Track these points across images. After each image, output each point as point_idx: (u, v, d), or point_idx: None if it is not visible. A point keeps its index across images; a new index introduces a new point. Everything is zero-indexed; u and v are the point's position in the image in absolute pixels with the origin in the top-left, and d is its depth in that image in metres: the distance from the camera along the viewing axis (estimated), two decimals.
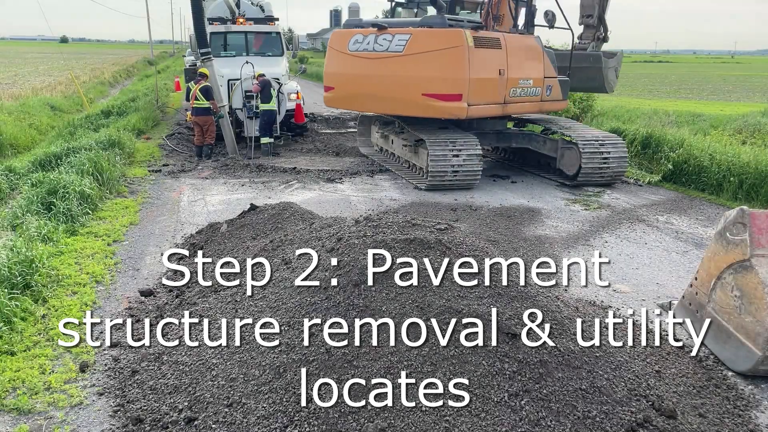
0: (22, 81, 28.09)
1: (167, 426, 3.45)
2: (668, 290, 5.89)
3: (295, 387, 3.45)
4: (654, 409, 3.52)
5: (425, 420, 3.17)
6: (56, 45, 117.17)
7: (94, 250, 6.61)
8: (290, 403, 3.39)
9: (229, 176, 10.82)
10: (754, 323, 4.12)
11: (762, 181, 9.24)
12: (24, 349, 4.42)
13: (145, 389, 3.85)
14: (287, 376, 3.53)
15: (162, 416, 3.55)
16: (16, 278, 5.18)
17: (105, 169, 9.20)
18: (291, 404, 3.37)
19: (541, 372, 3.41)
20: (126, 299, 5.41)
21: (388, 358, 3.50)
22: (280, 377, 3.55)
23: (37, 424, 3.60)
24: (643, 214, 8.66)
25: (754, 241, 4.25)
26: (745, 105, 23.80)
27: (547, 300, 4.00)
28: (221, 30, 14.68)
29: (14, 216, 7.02)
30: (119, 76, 38.26)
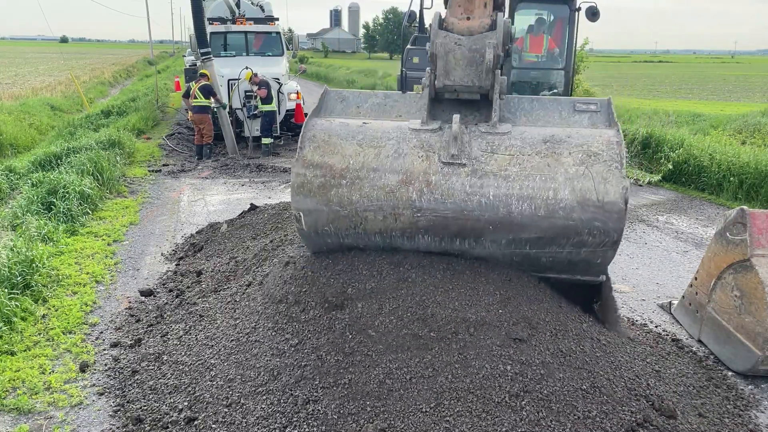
0: (22, 81, 28.09)
1: (167, 426, 3.45)
2: (668, 290, 5.89)
3: (292, 389, 3.46)
4: (654, 409, 3.51)
5: (425, 421, 3.17)
6: (56, 45, 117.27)
7: (94, 250, 6.61)
8: (288, 404, 3.38)
9: (229, 176, 10.83)
10: (754, 323, 4.13)
11: (762, 181, 9.24)
12: (24, 349, 4.42)
13: (145, 389, 3.85)
14: (282, 379, 3.53)
15: (162, 416, 3.55)
16: (16, 278, 5.18)
17: (105, 169, 9.21)
18: (289, 405, 3.37)
19: (542, 373, 3.41)
20: (126, 299, 5.41)
21: (387, 365, 3.51)
22: (276, 379, 3.55)
23: (37, 424, 3.60)
24: (643, 214, 8.66)
25: (754, 241, 4.25)
26: (745, 105, 23.79)
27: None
28: (221, 30, 14.68)
29: (14, 216, 7.02)
30: (119, 76, 38.28)
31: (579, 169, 3.70)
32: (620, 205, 3.60)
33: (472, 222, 3.77)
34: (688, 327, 4.97)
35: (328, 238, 4.13)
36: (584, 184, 3.65)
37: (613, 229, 3.64)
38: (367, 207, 3.87)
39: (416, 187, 3.80)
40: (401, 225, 3.89)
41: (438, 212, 3.80)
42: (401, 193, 3.82)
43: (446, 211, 3.79)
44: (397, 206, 3.84)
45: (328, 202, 3.91)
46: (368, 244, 4.13)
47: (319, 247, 4.26)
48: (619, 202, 3.60)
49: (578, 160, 3.74)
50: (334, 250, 4.25)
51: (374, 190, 3.85)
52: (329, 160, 3.93)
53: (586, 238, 3.70)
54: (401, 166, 3.86)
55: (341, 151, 3.94)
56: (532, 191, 3.68)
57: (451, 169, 3.79)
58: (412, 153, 3.88)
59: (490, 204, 3.72)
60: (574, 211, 3.64)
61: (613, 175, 3.65)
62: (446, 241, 3.94)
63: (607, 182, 3.64)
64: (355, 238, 4.08)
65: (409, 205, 3.82)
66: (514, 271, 4.03)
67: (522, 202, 3.69)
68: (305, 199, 3.94)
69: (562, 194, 3.66)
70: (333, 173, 3.90)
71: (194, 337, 4.33)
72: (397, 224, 3.90)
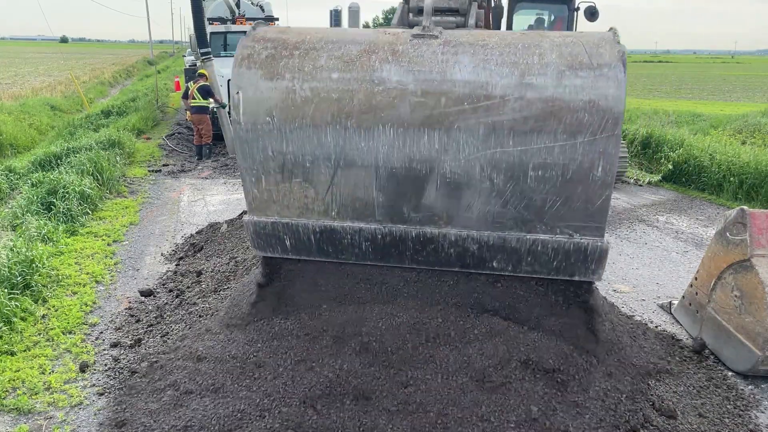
0: (22, 81, 28.08)
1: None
2: (668, 290, 5.89)
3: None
4: (654, 409, 3.51)
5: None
6: (56, 45, 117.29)
7: (94, 250, 6.61)
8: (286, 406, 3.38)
9: (229, 176, 10.82)
10: (754, 323, 4.12)
11: (762, 181, 9.24)
12: (24, 349, 4.42)
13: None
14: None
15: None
16: (16, 278, 5.18)
17: (105, 169, 9.21)
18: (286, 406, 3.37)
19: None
20: (126, 299, 5.40)
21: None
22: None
23: (37, 424, 3.60)
24: (643, 214, 8.66)
25: (754, 241, 4.25)
26: (745, 105, 23.80)
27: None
28: (221, 30, 14.69)
29: (14, 216, 7.02)
30: (119, 76, 38.26)
31: (567, 39, 3.28)
32: (618, 68, 3.05)
33: (444, 99, 3.16)
34: (688, 327, 4.96)
35: (269, 144, 3.39)
36: (573, 49, 3.18)
37: (613, 99, 3.03)
38: (320, 79, 3.27)
39: (380, 56, 3.27)
40: (358, 106, 3.22)
41: (403, 84, 3.20)
42: (362, 62, 3.25)
43: (413, 83, 3.19)
44: (354, 79, 3.23)
45: (275, 75, 3.33)
46: (315, 154, 3.36)
47: (257, 175, 3.49)
48: (616, 65, 3.07)
49: (566, 33, 3.41)
50: (270, 189, 3.49)
51: (331, 60, 3.29)
52: (284, 36, 3.50)
53: (582, 117, 3.06)
54: (365, 38, 3.40)
55: (300, 32, 3.53)
56: (515, 57, 3.17)
57: (421, 40, 3.30)
58: (379, 32, 3.50)
59: (466, 71, 3.16)
60: (564, 76, 3.09)
61: (606, 42, 3.18)
62: (410, 136, 3.23)
63: (600, 47, 3.15)
64: (301, 141, 3.35)
65: (369, 77, 3.21)
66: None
67: (503, 68, 3.14)
68: (248, 72, 3.36)
69: (548, 58, 3.15)
70: (285, 45, 3.42)
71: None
72: (353, 105, 3.23)
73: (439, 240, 3.46)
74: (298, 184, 3.47)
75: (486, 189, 3.27)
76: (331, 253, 3.69)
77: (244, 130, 3.39)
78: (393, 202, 3.42)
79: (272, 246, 3.72)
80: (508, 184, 3.24)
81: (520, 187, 3.24)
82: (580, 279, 3.51)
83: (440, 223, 3.42)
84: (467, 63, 3.13)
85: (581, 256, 3.37)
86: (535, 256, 3.41)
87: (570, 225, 3.31)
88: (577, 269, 3.42)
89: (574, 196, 3.22)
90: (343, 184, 3.42)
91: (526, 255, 3.41)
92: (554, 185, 3.20)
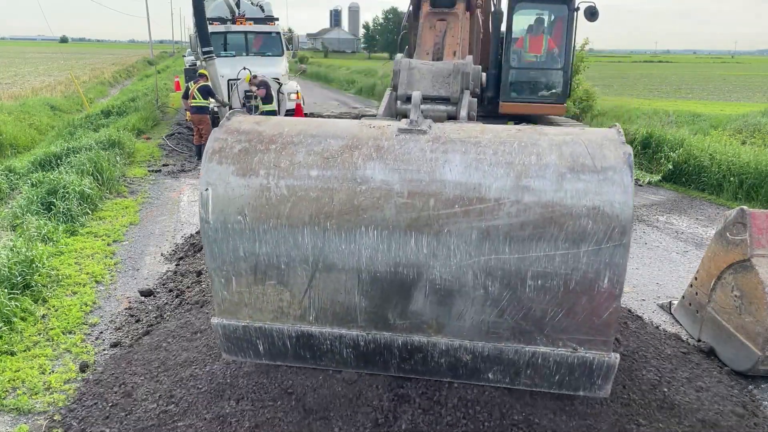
0: (22, 81, 28.10)
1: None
2: (668, 290, 5.89)
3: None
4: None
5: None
6: (56, 45, 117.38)
7: (94, 250, 6.61)
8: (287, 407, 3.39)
9: None
10: (754, 323, 4.12)
11: (762, 181, 9.25)
12: (24, 349, 4.42)
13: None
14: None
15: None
16: (16, 278, 5.18)
17: (105, 169, 9.21)
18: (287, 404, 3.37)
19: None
20: (126, 299, 5.40)
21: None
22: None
23: (37, 424, 3.60)
24: (643, 214, 8.66)
25: (754, 241, 4.25)
26: (745, 105, 23.78)
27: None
28: (221, 30, 14.69)
29: (14, 216, 7.03)
30: (119, 76, 38.27)
31: (567, 137, 3.01)
32: (624, 171, 2.81)
33: (433, 200, 2.91)
34: (688, 327, 4.97)
35: (240, 244, 3.13)
36: (575, 149, 2.93)
37: (619, 205, 2.77)
38: (297, 176, 3.02)
39: (363, 153, 3.02)
40: (338, 206, 2.97)
41: (388, 184, 2.94)
42: (343, 159, 3.01)
43: (399, 183, 2.94)
44: (334, 177, 2.98)
45: (248, 171, 3.06)
46: (291, 255, 3.10)
47: (227, 276, 3.21)
48: (622, 168, 2.82)
49: (566, 131, 3.12)
50: (242, 291, 3.23)
51: (310, 156, 3.04)
52: (260, 128, 3.25)
53: (585, 224, 2.80)
54: (347, 132, 3.16)
55: (276, 123, 3.30)
56: (510, 157, 2.92)
57: (408, 135, 3.07)
58: (363, 125, 3.27)
59: (457, 171, 2.91)
60: (565, 179, 2.83)
61: (610, 142, 2.94)
62: (396, 240, 2.97)
63: (604, 147, 2.91)
64: (275, 242, 3.09)
65: (351, 175, 2.96)
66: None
67: (497, 168, 2.89)
68: (218, 167, 3.08)
69: (547, 159, 2.90)
70: (261, 138, 3.17)
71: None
72: (334, 205, 2.98)
73: (428, 349, 3.20)
74: (272, 286, 3.20)
75: (480, 297, 3.01)
76: (309, 359, 3.43)
77: (213, 229, 3.11)
78: (377, 308, 3.16)
79: (244, 351, 3.44)
80: (505, 293, 2.98)
81: (518, 297, 2.97)
82: (585, 395, 3.26)
83: (429, 331, 3.16)
84: (458, 162, 2.91)
85: (586, 371, 3.09)
86: (535, 369, 3.15)
87: (573, 338, 3.04)
88: (582, 384, 3.16)
89: (578, 307, 2.95)
90: (322, 288, 3.16)
91: (525, 368, 3.16)
92: (555, 296, 2.94)
